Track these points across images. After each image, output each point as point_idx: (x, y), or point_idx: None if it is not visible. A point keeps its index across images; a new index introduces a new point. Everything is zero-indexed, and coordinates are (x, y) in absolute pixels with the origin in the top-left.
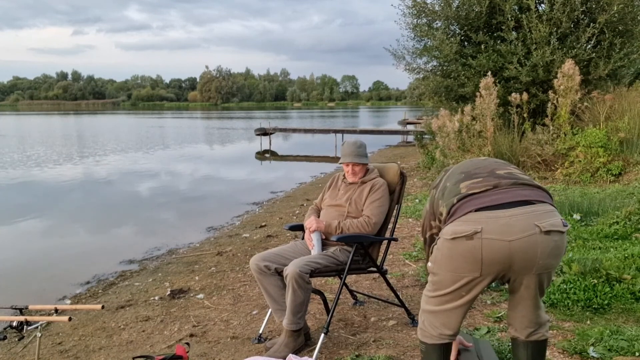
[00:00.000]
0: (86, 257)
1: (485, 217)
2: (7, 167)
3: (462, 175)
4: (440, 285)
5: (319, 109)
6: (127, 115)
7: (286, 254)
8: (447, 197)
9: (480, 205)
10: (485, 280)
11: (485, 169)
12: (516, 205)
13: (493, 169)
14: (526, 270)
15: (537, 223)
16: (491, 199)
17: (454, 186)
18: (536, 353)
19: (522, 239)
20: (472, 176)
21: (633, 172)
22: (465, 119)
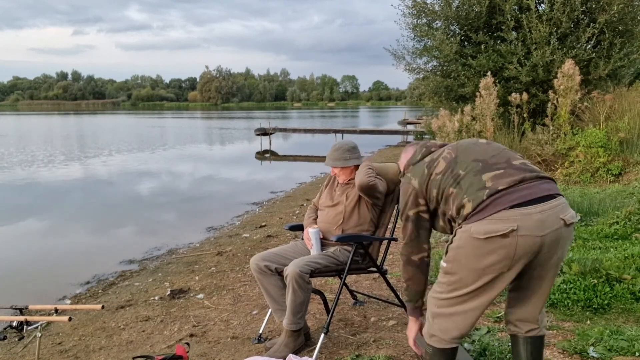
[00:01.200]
0: (86, 257)
1: (519, 214)
2: (7, 167)
3: (479, 164)
4: (460, 285)
5: (319, 109)
6: (127, 115)
7: (286, 254)
8: (470, 191)
9: (514, 202)
10: (511, 274)
11: (501, 158)
12: (543, 200)
13: (508, 158)
14: (545, 262)
15: (562, 216)
16: (522, 195)
17: (475, 177)
18: (537, 348)
19: (551, 233)
20: (493, 167)
21: (633, 172)
22: (465, 119)
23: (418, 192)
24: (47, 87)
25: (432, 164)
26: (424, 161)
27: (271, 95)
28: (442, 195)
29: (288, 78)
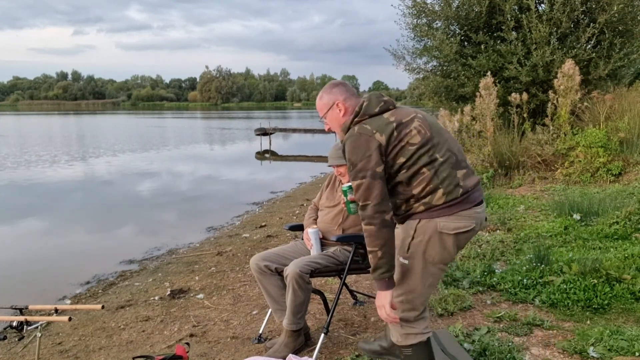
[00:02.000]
0: (86, 257)
1: (474, 213)
2: (10, 167)
3: (453, 157)
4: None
5: None
6: (127, 115)
7: (286, 254)
8: (447, 183)
9: (474, 202)
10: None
11: (463, 155)
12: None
13: (465, 156)
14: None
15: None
16: (477, 196)
17: (453, 171)
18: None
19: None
20: (461, 164)
21: (633, 172)
22: (465, 119)
23: (383, 149)
24: (47, 87)
25: (403, 129)
26: (386, 118)
27: (271, 95)
28: (410, 168)
29: (288, 78)
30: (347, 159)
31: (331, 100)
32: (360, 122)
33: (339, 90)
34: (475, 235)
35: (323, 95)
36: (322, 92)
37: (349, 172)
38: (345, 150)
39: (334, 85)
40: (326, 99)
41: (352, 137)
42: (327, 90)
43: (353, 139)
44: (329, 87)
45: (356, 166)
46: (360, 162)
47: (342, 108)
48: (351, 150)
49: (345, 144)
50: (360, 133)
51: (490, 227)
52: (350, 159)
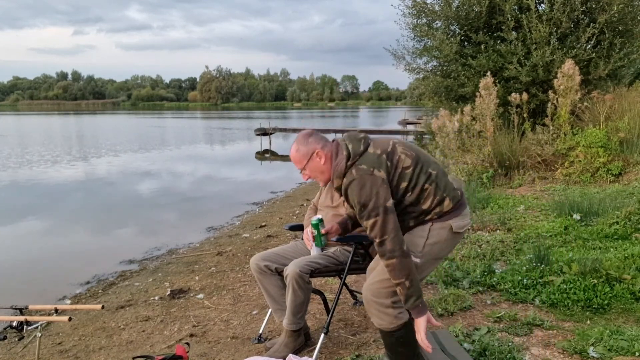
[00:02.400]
0: (86, 257)
1: (469, 210)
2: (13, 167)
3: (438, 166)
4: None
5: (319, 109)
6: (127, 115)
7: (286, 254)
8: (448, 190)
9: (466, 201)
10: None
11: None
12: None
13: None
14: None
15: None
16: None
17: (446, 178)
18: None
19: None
20: (444, 171)
21: (633, 172)
22: (465, 119)
23: (386, 183)
24: (47, 87)
25: (393, 157)
26: (373, 153)
27: (271, 95)
28: (414, 189)
29: (288, 78)
30: (354, 202)
31: (309, 151)
32: (355, 164)
33: (314, 140)
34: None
35: (299, 147)
36: (296, 144)
37: (359, 214)
38: (350, 194)
39: (308, 135)
40: (304, 150)
41: (354, 180)
42: (302, 142)
43: (356, 182)
44: (303, 139)
45: (367, 206)
46: (370, 202)
47: (322, 156)
48: (358, 192)
49: (348, 189)
50: (361, 174)
51: (490, 227)
52: (359, 201)
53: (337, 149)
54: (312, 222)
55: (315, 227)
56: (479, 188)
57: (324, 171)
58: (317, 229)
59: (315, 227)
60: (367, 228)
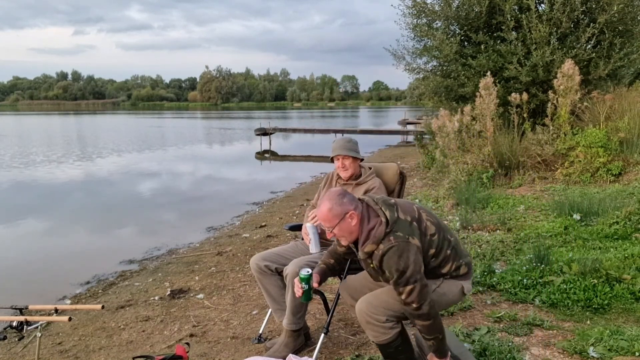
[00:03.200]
0: (86, 257)
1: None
2: (16, 167)
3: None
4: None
5: (319, 109)
6: (127, 115)
7: (286, 253)
8: (463, 256)
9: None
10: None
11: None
12: None
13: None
14: None
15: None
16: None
17: (461, 246)
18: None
19: None
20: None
21: (633, 172)
22: (465, 119)
23: (420, 250)
24: (47, 87)
25: (421, 224)
26: (405, 220)
27: (271, 95)
28: (439, 255)
29: (288, 78)
30: (391, 269)
31: (343, 211)
32: (392, 231)
33: (348, 201)
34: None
35: (333, 206)
36: (329, 202)
37: (395, 280)
38: (387, 261)
39: (342, 195)
40: (338, 210)
41: (392, 248)
42: (337, 201)
43: (395, 249)
44: (337, 198)
45: (405, 273)
46: (409, 269)
47: (354, 217)
48: (397, 260)
49: (385, 255)
50: (399, 242)
51: (490, 227)
52: (398, 268)
53: (368, 211)
54: (300, 276)
55: (306, 282)
56: (479, 188)
57: (353, 232)
58: (308, 283)
59: (306, 282)
60: (404, 294)
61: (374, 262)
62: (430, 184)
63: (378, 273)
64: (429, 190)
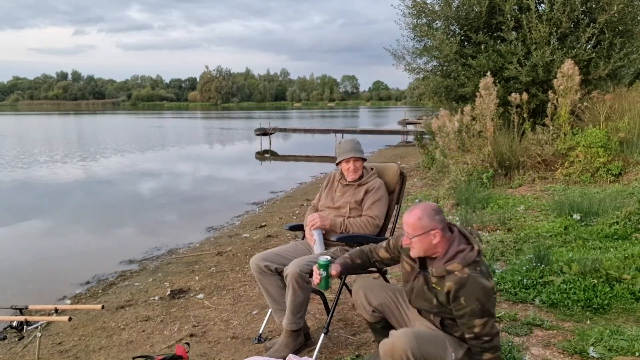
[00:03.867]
0: (86, 257)
1: None
2: (20, 167)
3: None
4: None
5: (319, 109)
6: (127, 115)
7: (286, 254)
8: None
9: None
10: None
11: None
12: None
13: None
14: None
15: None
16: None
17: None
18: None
19: None
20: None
21: (633, 172)
22: (465, 119)
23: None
24: (47, 87)
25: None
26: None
27: (271, 95)
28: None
29: (288, 78)
30: (473, 298)
31: (431, 226)
32: (480, 262)
33: (439, 219)
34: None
35: (423, 217)
36: (421, 211)
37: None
38: (471, 288)
39: (436, 211)
40: (426, 223)
41: (481, 278)
42: (430, 215)
43: (482, 280)
44: (431, 212)
45: (485, 305)
46: (488, 302)
47: (437, 236)
48: (482, 290)
49: (471, 281)
50: (485, 276)
51: (490, 227)
52: (479, 298)
53: (459, 235)
54: (319, 262)
55: (324, 269)
56: (479, 188)
57: (429, 249)
58: (327, 270)
59: (324, 269)
60: (478, 327)
61: (448, 286)
62: (430, 184)
63: (435, 294)
64: (429, 190)
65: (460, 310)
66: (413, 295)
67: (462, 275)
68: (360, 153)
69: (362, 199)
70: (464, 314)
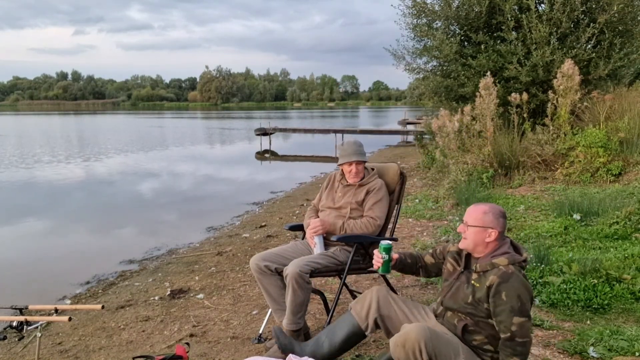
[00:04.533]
0: (86, 257)
1: None
2: (22, 167)
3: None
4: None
5: (319, 109)
6: (127, 115)
7: (286, 254)
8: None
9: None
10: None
11: None
12: None
13: None
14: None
15: None
16: None
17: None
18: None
19: None
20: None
21: (633, 172)
22: (465, 119)
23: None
24: (47, 87)
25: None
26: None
27: (271, 95)
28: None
29: (288, 78)
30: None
31: (490, 224)
32: (523, 268)
33: (502, 223)
34: None
35: (489, 213)
36: (489, 207)
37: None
38: (513, 284)
39: (503, 215)
40: (489, 220)
41: (523, 279)
42: (495, 214)
43: (523, 280)
44: (498, 212)
45: (525, 305)
46: (526, 303)
47: (492, 236)
48: (524, 290)
49: (515, 278)
50: (525, 277)
51: None
52: (520, 295)
53: (505, 243)
54: (383, 245)
55: (386, 252)
56: (479, 188)
57: (479, 245)
58: (389, 253)
59: (386, 252)
60: (515, 325)
61: (491, 279)
62: (430, 184)
63: (473, 291)
64: (429, 190)
65: (499, 306)
66: (449, 294)
67: (507, 270)
68: (362, 156)
69: (363, 200)
70: (503, 309)
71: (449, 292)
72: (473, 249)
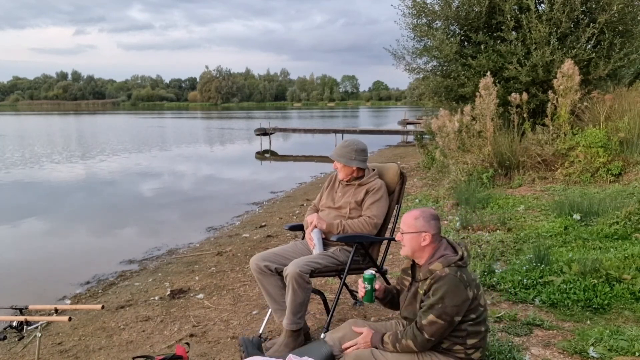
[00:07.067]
0: (86, 257)
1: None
2: (9, 167)
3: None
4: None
5: (319, 109)
6: (127, 115)
7: (286, 254)
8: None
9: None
10: None
11: None
12: None
13: None
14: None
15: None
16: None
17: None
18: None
19: None
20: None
21: (633, 172)
22: (465, 119)
23: (467, 304)
24: (47, 87)
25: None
26: (470, 272)
27: (271, 95)
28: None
29: (288, 78)
30: (437, 293)
31: (423, 228)
32: (460, 268)
33: (435, 224)
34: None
35: (420, 218)
36: (420, 212)
37: (431, 303)
38: (440, 285)
39: (434, 218)
40: (420, 224)
41: (454, 280)
42: (426, 217)
43: (455, 282)
44: (429, 216)
45: (446, 307)
46: (449, 307)
47: (427, 239)
48: (449, 292)
49: (443, 279)
50: (460, 281)
51: (490, 227)
52: (443, 296)
53: (441, 244)
54: (365, 276)
55: (369, 282)
56: (479, 188)
57: (416, 250)
58: (371, 283)
59: (369, 282)
60: (427, 321)
61: (428, 283)
62: (430, 184)
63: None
64: (429, 190)
65: (425, 300)
66: (404, 305)
67: (441, 274)
68: (347, 161)
69: (362, 199)
70: (426, 303)
71: (404, 303)
72: (412, 255)
